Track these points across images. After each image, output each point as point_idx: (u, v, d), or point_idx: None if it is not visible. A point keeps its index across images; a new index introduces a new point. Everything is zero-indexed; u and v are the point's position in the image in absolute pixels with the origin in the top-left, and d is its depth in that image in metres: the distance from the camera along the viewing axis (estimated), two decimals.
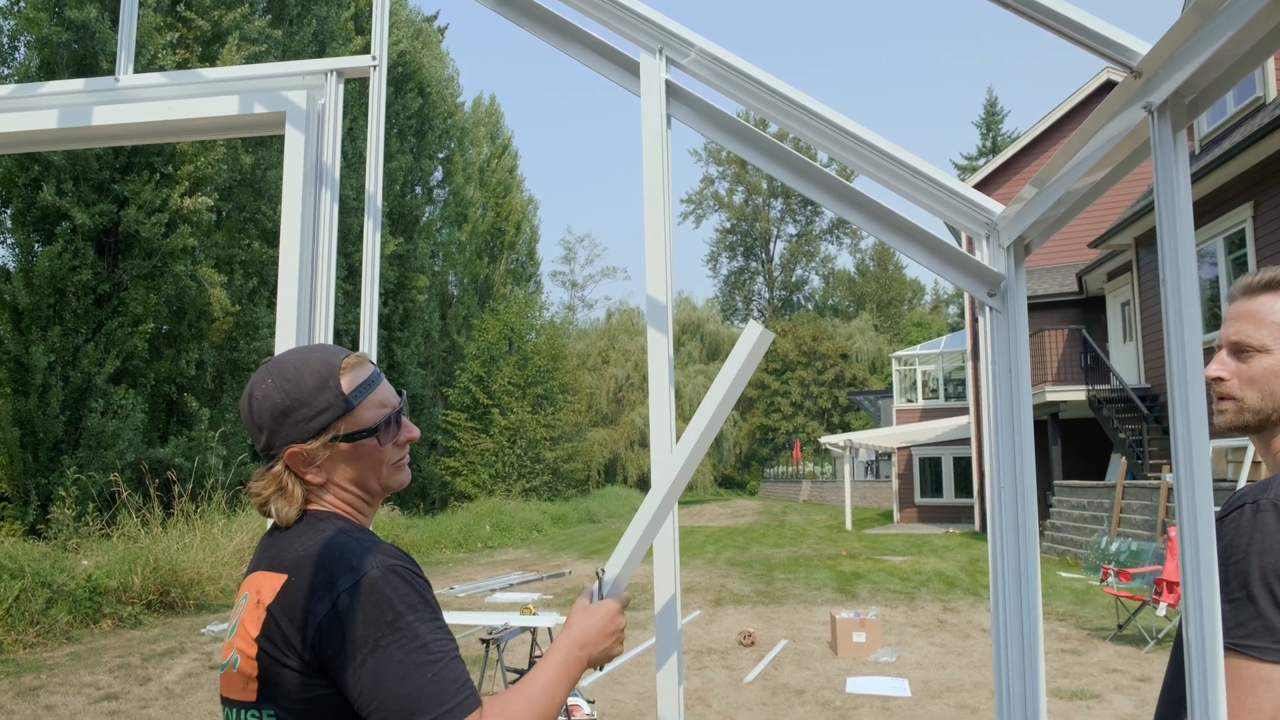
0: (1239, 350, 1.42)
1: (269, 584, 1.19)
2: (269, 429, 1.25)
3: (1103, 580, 10.07)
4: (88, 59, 14.26)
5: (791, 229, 63.39)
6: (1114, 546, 12.14)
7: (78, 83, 1.98)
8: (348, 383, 1.27)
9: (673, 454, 1.41)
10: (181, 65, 15.23)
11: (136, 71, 2.01)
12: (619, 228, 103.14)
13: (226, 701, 1.24)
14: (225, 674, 1.23)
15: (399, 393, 1.36)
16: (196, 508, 12.28)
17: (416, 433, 1.36)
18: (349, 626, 1.12)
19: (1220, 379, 1.40)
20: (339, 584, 1.13)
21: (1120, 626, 8.48)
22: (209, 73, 1.96)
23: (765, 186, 60.67)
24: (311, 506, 1.28)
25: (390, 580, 1.15)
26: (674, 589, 1.60)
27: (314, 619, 1.13)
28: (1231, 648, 1.23)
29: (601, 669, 1.39)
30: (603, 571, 1.41)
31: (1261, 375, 1.39)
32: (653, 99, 1.72)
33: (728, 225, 63.20)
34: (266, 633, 1.16)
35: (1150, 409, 14.95)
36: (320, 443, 1.25)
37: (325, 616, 1.12)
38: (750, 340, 1.36)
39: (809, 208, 60.76)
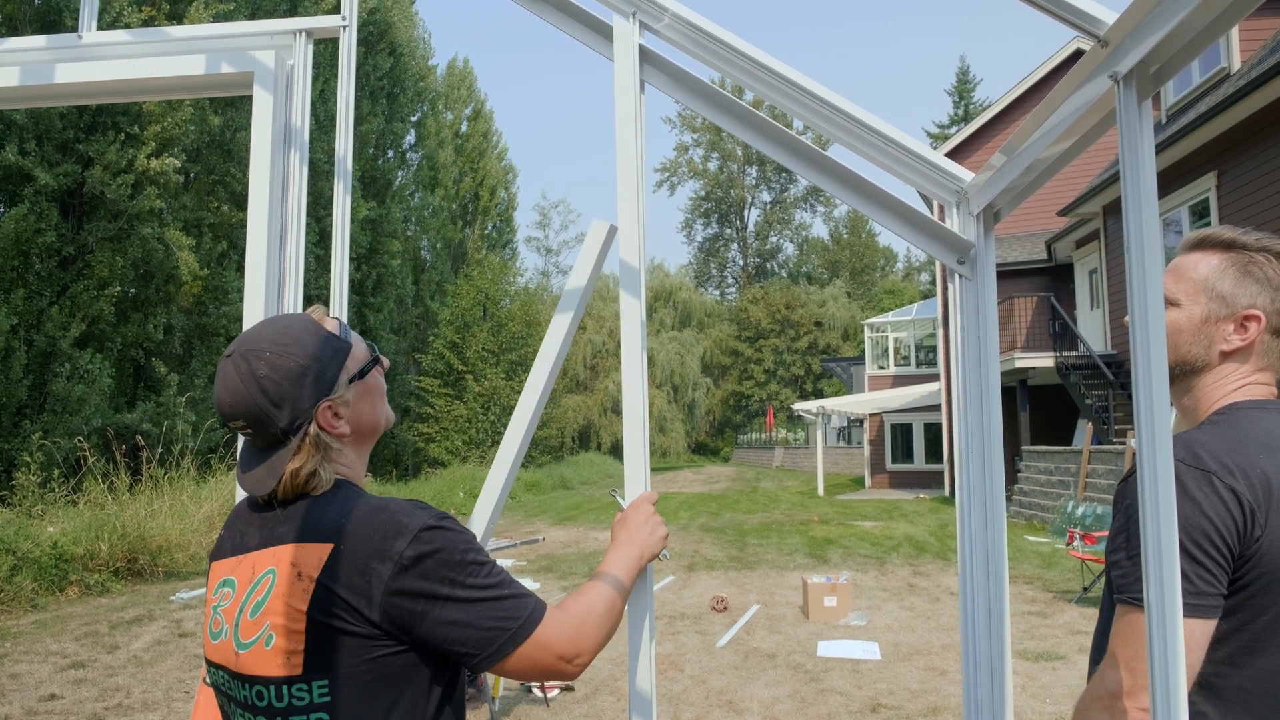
0: None
1: (309, 555, 1.17)
2: (293, 398, 1.22)
3: (1068, 544, 10.27)
4: (51, 15, 13.90)
5: (766, 196, 63.35)
6: (1080, 510, 12.37)
7: (39, 39, 1.93)
8: (332, 326, 1.30)
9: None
10: (148, 23, 14.87)
11: (101, 28, 1.96)
12: (594, 194, 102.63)
13: (252, 680, 1.19)
14: (253, 652, 1.18)
15: None
16: (165, 474, 12.18)
17: (387, 361, 1.42)
18: (420, 580, 1.15)
19: None
20: (396, 544, 1.15)
21: (1085, 589, 8.67)
22: (175, 31, 1.92)
23: (740, 153, 60.45)
24: None
25: (442, 529, 1.19)
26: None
27: (379, 581, 1.14)
28: (1131, 601, 1.27)
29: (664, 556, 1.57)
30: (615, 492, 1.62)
31: (1168, 328, 1.42)
32: (626, 63, 1.71)
33: (702, 192, 63.00)
34: (320, 604, 1.14)
35: (1116, 375, 15.19)
36: (344, 388, 1.27)
37: (392, 577, 1.14)
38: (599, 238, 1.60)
39: (784, 175, 60.65)
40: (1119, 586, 1.30)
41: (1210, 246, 1.44)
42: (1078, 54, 19.69)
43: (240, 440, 1.34)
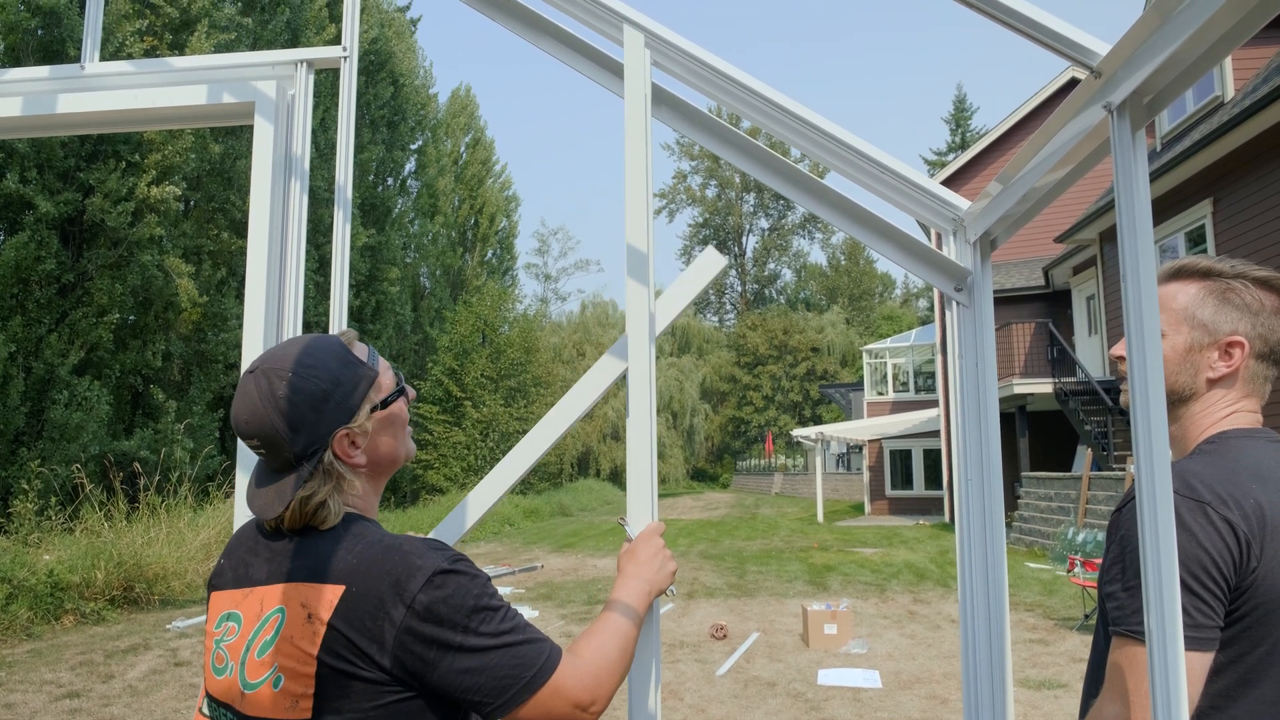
0: None
1: (318, 596, 1.13)
2: (311, 422, 1.18)
3: (1069, 570, 10.22)
4: (55, 45, 13.99)
5: (764, 223, 63.64)
6: (1080, 537, 12.32)
7: (43, 70, 1.95)
8: (360, 352, 1.27)
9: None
10: (150, 53, 14.99)
11: (104, 59, 1.98)
12: (593, 221, 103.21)
13: None
14: (260, 693, 1.15)
15: None
16: (162, 501, 12.12)
17: (413, 391, 1.39)
18: (433, 626, 1.12)
19: (1121, 358, 1.43)
20: (409, 588, 1.12)
21: (1086, 616, 8.61)
22: (177, 61, 1.94)
23: (738, 181, 60.80)
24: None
25: (456, 573, 1.15)
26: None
27: (392, 627, 1.11)
28: (1129, 634, 1.26)
29: (672, 592, 1.53)
30: (624, 520, 1.57)
31: None
32: (636, 66, 1.72)
33: (700, 219, 63.29)
34: (331, 647, 1.11)
35: (1115, 401, 15.17)
36: (365, 417, 1.23)
37: (404, 622, 1.11)
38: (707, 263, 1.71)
39: (781, 202, 60.95)
40: (1115, 619, 1.29)
41: (1187, 276, 1.45)
42: (1073, 82, 19.85)
43: (241, 453, 1.32)
